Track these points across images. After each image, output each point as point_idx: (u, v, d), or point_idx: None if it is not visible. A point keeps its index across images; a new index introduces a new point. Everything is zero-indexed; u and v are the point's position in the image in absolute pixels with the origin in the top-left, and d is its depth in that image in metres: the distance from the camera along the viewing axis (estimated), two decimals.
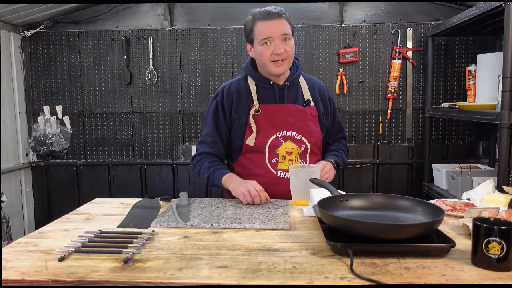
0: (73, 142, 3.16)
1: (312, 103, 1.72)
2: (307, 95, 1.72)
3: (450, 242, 1.01)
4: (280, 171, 1.67)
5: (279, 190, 1.62)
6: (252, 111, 1.65)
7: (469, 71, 2.42)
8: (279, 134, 1.66)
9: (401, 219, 1.17)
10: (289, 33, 1.59)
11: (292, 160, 1.67)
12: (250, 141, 1.64)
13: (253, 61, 1.72)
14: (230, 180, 1.58)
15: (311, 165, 1.57)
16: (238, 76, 1.79)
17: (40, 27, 3.04)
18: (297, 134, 1.67)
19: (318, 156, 1.75)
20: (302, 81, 1.74)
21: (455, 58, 2.94)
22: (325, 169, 1.61)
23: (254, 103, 1.66)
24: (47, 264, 0.98)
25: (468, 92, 2.43)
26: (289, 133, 1.66)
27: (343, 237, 1.03)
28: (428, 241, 1.02)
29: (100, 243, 1.11)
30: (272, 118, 1.66)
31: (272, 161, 1.67)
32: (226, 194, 1.79)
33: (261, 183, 1.61)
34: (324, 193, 1.33)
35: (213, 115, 1.70)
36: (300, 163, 1.67)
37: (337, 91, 2.97)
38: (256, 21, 1.59)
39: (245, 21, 1.65)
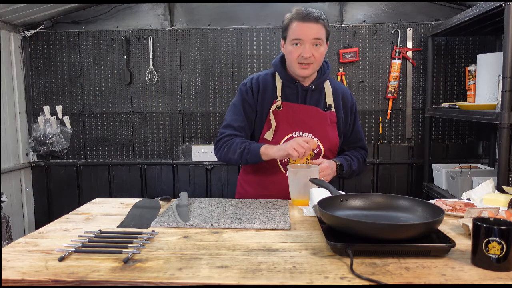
0: (73, 142, 3.16)
1: (333, 109, 1.72)
2: (329, 99, 1.72)
3: (450, 242, 1.01)
4: None
5: (285, 190, 1.60)
6: (273, 107, 1.66)
7: (469, 71, 2.42)
8: (295, 134, 1.66)
9: (401, 219, 1.17)
10: (321, 38, 1.59)
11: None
12: (269, 135, 1.66)
13: (283, 58, 1.72)
14: (270, 148, 1.57)
15: (310, 165, 1.57)
16: (267, 70, 1.79)
17: (40, 27, 3.04)
18: (313, 136, 1.67)
19: None
20: (327, 85, 1.74)
21: (455, 58, 2.94)
22: (325, 170, 1.60)
23: (277, 99, 1.67)
24: (47, 264, 0.98)
25: (468, 92, 2.43)
26: (304, 134, 1.67)
27: (343, 237, 1.03)
28: (428, 241, 1.02)
29: (100, 243, 1.11)
30: (291, 117, 1.67)
31: (283, 160, 1.67)
32: (236, 194, 1.82)
33: (269, 180, 1.64)
34: (324, 193, 1.33)
35: (242, 101, 1.70)
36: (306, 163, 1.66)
37: None
38: (293, 20, 1.60)
39: (285, 17, 1.65)
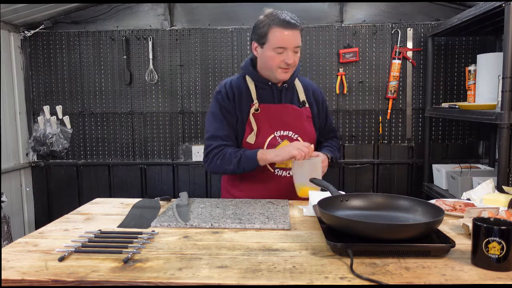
0: (73, 142, 3.16)
1: (307, 104, 1.75)
2: (302, 96, 1.74)
3: (450, 242, 1.01)
4: (278, 170, 1.68)
5: (276, 188, 1.65)
6: (252, 110, 1.66)
7: (469, 71, 2.41)
8: (276, 133, 1.67)
9: (401, 219, 1.17)
10: (300, 45, 1.62)
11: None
12: (251, 139, 1.65)
13: (253, 61, 1.73)
14: (267, 153, 1.58)
15: (312, 157, 1.57)
16: (235, 75, 1.78)
17: (40, 27, 3.04)
18: (293, 133, 1.69)
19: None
20: (297, 83, 1.77)
21: (455, 58, 2.94)
22: (324, 161, 1.63)
23: (254, 102, 1.67)
24: (47, 264, 0.98)
25: (468, 92, 2.43)
26: (286, 133, 1.68)
27: (343, 237, 1.03)
28: (428, 241, 1.02)
29: (100, 243, 1.11)
30: (271, 118, 1.68)
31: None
32: (222, 194, 1.82)
33: (259, 180, 1.65)
34: (324, 194, 1.34)
35: (220, 109, 1.68)
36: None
37: (337, 91, 2.97)
38: (272, 26, 1.58)
39: (259, 20, 1.64)
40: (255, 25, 1.66)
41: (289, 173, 1.68)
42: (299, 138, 1.69)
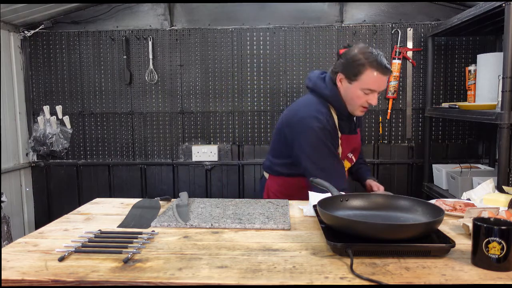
0: (73, 142, 3.16)
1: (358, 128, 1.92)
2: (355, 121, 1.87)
3: (450, 242, 1.01)
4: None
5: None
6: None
7: (469, 71, 2.41)
8: (349, 155, 1.86)
9: (401, 219, 1.17)
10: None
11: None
12: None
13: (338, 92, 1.71)
14: None
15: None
16: (319, 103, 1.71)
17: (40, 27, 3.04)
18: (352, 155, 1.87)
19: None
20: None
21: (455, 58, 2.94)
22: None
23: (339, 135, 1.75)
24: (47, 264, 0.98)
25: (468, 92, 2.43)
26: (350, 155, 1.86)
27: (343, 237, 1.03)
28: (428, 241, 1.03)
29: (100, 243, 1.11)
30: (346, 146, 1.79)
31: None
32: (264, 194, 1.90)
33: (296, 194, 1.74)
34: (324, 195, 1.34)
35: (330, 148, 1.68)
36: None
37: None
38: (370, 68, 1.60)
39: (353, 56, 1.62)
40: (348, 59, 1.64)
41: None
42: (352, 157, 1.88)
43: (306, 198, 1.53)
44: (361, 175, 2.02)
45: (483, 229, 0.92)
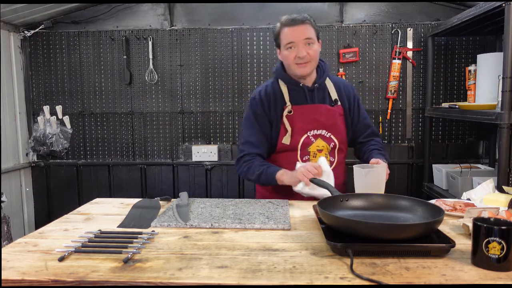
0: (73, 142, 3.16)
1: (339, 102, 1.79)
2: (334, 95, 1.79)
3: (450, 242, 1.01)
4: None
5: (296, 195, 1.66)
6: (285, 112, 1.73)
7: (469, 71, 2.41)
8: (310, 133, 1.73)
9: (401, 219, 1.17)
10: (312, 37, 1.67)
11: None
12: (286, 140, 1.72)
13: (282, 65, 1.79)
14: (285, 174, 1.63)
15: (374, 165, 1.54)
16: (270, 80, 1.86)
17: (40, 27, 3.04)
18: (326, 132, 1.75)
19: (345, 152, 1.82)
20: (328, 82, 1.81)
21: (455, 58, 2.94)
22: (385, 167, 1.63)
23: (287, 104, 1.74)
24: (47, 264, 0.98)
25: (468, 92, 2.43)
26: (319, 132, 1.74)
27: (343, 237, 1.03)
28: (428, 241, 1.02)
29: (100, 243, 1.11)
30: (304, 118, 1.73)
31: (304, 158, 1.74)
32: (256, 194, 1.88)
33: (285, 187, 1.69)
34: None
35: (255, 115, 1.77)
36: (331, 159, 1.75)
37: None
38: (282, 27, 1.69)
39: (275, 27, 1.75)
40: (273, 33, 1.77)
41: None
42: (332, 136, 1.75)
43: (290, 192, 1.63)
44: (370, 157, 1.73)
45: (483, 229, 0.92)
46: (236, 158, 1.80)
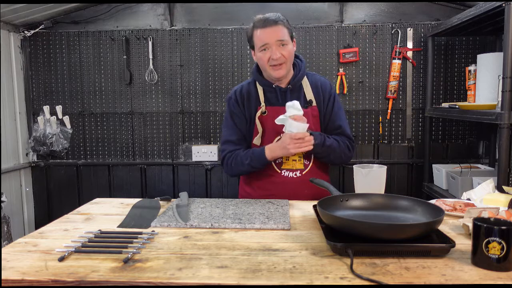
0: (73, 142, 3.16)
1: (314, 103, 1.75)
2: (309, 95, 1.75)
3: (450, 242, 1.01)
4: (285, 171, 1.72)
5: (283, 189, 1.69)
6: (258, 113, 1.73)
7: (469, 71, 2.41)
8: (282, 135, 1.67)
9: (401, 219, 1.17)
10: (285, 38, 1.65)
11: (295, 160, 1.72)
12: (257, 141, 1.72)
13: (258, 66, 1.78)
14: (273, 150, 1.64)
15: (374, 165, 1.54)
16: (248, 79, 1.87)
17: (40, 27, 3.04)
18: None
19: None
20: (305, 81, 1.78)
21: (455, 58, 2.94)
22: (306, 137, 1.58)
23: (261, 105, 1.73)
24: (47, 264, 0.98)
25: (468, 92, 2.43)
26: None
27: (343, 237, 1.03)
28: (428, 241, 1.02)
29: (100, 243, 1.11)
30: (274, 118, 1.68)
31: (277, 161, 1.72)
32: (239, 195, 1.86)
33: (266, 182, 1.71)
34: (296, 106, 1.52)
35: (231, 114, 1.78)
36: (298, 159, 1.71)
37: (337, 91, 2.97)
38: (254, 29, 1.68)
39: (248, 28, 1.73)
40: (246, 34, 1.76)
41: (295, 174, 1.71)
42: None
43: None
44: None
45: (483, 229, 0.92)
46: (221, 160, 1.80)
